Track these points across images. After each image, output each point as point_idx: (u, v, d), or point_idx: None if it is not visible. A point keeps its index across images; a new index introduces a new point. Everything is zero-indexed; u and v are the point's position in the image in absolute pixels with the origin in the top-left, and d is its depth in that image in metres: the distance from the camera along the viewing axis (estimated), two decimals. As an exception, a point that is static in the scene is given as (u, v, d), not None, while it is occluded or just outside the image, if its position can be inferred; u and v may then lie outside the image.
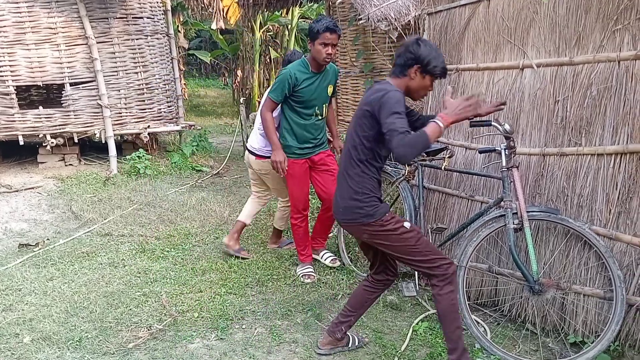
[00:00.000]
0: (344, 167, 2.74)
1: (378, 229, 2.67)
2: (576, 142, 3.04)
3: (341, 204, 2.74)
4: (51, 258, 4.48)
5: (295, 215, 4.07)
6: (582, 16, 2.98)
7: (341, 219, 2.80)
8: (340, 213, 2.77)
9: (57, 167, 7.22)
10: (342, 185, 2.74)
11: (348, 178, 2.69)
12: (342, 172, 2.75)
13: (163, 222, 5.33)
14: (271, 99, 3.81)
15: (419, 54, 2.57)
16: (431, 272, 2.71)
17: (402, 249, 2.71)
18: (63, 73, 6.96)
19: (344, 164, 2.73)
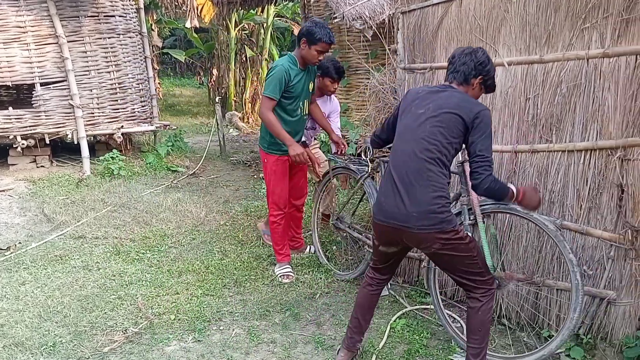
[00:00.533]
0: (415, 169, 2.49)
1: (452, 236, 2.48)
2: (547, 139, 3.09)
3: (413, 209, 2.46)
4: (23, 262, 4.39)
5: (276, 212, 4.04)
6: (552, 15, 3.02)
7: (415, 226, 2.47)
8: (413, 219, 2.46)
9: (29, 169, 7.07)
10: (412, 189, 2.48)
11: (424, 181, 2.47)
12: (413, 174, 2.50)
13: (138, 224, 5.26)
14: (269, 98, 3.72)
15: (487, 66, 2.65)
16: (480, 286, 2.60)
17: (464, 260, 2.55)
18: (33, 73, 6.81)
19: (415, 166, 2.50)
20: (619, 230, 2.85)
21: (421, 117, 2.58)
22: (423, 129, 2.55)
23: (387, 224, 2.58)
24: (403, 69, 3.99)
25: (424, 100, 2.64)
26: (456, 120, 2.50)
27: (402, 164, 2.57)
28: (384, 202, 2.61)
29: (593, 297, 2.98)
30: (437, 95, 2.63)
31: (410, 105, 2.69)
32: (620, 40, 2.77)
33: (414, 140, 2.55)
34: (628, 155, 2.78)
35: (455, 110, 2.52)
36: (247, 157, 8.51)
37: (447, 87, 2.67)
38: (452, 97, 2.59)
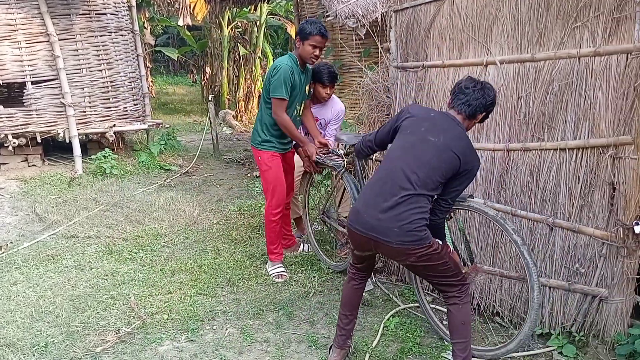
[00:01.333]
0: (406, 194, 2.52)
1: (427, 251, 2.54)
2: (539, 138, 3.10)
3: (394, 225, 2.50)
4: (15, 262, 4.36)
5: (275, 210, 4.00)
6: (543, 13, 3.03)
7: (394, 241, 2.51)
8: (393, 234, 2.50)
9: (20, 168, 7.02)
10: (398, 207, 2.51)
11: (412, 205, 2.51)
12: (402, 197, 2.52)
13: (131, 223, 5.24)
14: (281, 99, 3.70)
15: (494, 105, 2.74)
16: (455, 284, 2.69)
17: (438, 267, 2.62)
18: (24, 71, 6.76)
19: (406, 191, 2.53)
20: (611, 228, 2.87)
21: (430, 146, 2.59)
22: (427, 160, 2.57)
23: (364, 235, 2.60)
24: (396, 68, 3.99)
25: (435, 127, 2.65)
26: (454, 166, 2.59)
27: (393, 181, 2.57)
28: (364, 212, 2.61)
29: (585, 295, 3.00)
30: (449, 127, 2.65)
31: (420, 124, 2.68)
32: (611, 39, 2.78)
33: (415, 166, 2.57)
34: (619, 154, 2.79)
35: (459, 155, 2.58)
36: (241, 156, 8.49)
37: (457, 122, 2.69)
38: (462, 139, 2.63)
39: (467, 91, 2.69)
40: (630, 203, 2.79)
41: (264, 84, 3.96)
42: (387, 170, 2.64)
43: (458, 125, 2.68)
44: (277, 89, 3.70)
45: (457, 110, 2.71)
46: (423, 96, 3.78)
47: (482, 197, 3.39)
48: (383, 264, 4.10)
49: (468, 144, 2.65)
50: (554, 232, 3.08)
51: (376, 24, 5.57)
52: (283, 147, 4.00)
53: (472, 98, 2.67)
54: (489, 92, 2.70)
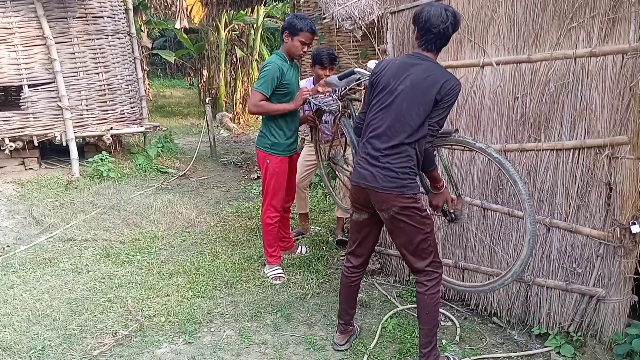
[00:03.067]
0: (391, 144, 2.63)
1: (410, 203, 2.64)
2: (535, 138, 3.11)
3: (380, 173, 2.64)
4: (12, 265, 4.34)
5: (273, 215, 4.00)
6: (539, 14, 3.04)
7: (379, 186, 2.65)
8: (380, 180, 2.64)
9: (17, 171, 7.00)
10: (384, 158, 2.65)
11: (394, 154, 2.63)
12: (388, 148, 2.64)
13: (128, 226, 5.23)
14: (260, 92, 3.70)
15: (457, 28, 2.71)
16: (426, 269, 2.75)
17: (418, 233, 2.69)
18: (21, 74, 6.75)
19: (391, 141, 2.63)
20: (608, 228, 2.88)
21: (399, 94, 2.65)
22: (400, 108, 2.64)
23: (357, 185, 2.78)
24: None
25: (401, 75, 2.68)
26: (430, 100, 2.60)
27: (375, 136, 2.70)
28: (358, 167, 2.78)
29: (583, 295, 3.01)
30: (413, 69, 2.66)
31: (388, 79, 2.71)
32: (607, 40, 2.79)
33: (393, 119, 2.65)
34: (616, 154, 2.81)
35: (431, 89, 2.59)
36: (238, 158, 8.48)
37: (422, 57, 2.69)
38: (428, 71, 2.63)
39: (434, 30, 2.63)
40: (626, 203, 2.79)
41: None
42: (373, 132, 2.72)
43: (423, 60, 2.67)
44: (259, 83, 3.73)
45: (427, 49, 2.70)
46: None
47: (479, 198, 3.40)
48: (381, 265, 4.10)
49: (437, 73, 2.62)
50: (551, 232, 3.09)
51: (373, 25, 5.57)
52: (291, 149, 3.99)
53: (439, 36, 2.64)
54: (455, 25, 2.65)
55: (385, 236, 4.05)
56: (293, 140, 4.00)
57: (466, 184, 3.48)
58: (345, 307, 3.10)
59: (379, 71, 2.78)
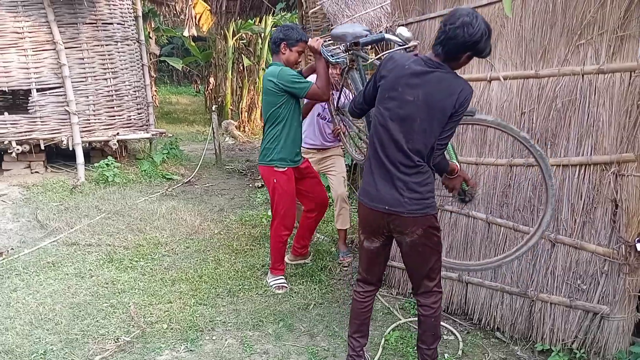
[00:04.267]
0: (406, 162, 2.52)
1: (433, 224, 2.60)
2: (542, 153, 3.11)
3: (405, 196, 2.51)
4: (15, 268, 4.35)
5: (284, 233, 3.95)
6: (548, 31, 3.05)
7: (406, 210, 2.53)
8: (406, 204, 2.52)
9: (23, 174, 7.03)
10: (405, 177, 2.52)
11: (414, 175, 2.52)
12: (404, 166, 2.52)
13: (132, 231, 5.24)
14: (309, 84, 3.66)
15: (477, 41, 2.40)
16: (434, 289, 2.73)
17: (433, 255, 2.66)
18: (30, 78, 6.80)
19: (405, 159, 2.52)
20: (613, 245, 2.87)
21: (412, 108, 2.47)
22: (415, 126, 2.48)
23: (374, 209, 2.60)
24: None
25: (411, 83, 2.48)
26: (445, 114, 2.46)
27: (392, 154, 2.54)
28: (373, 190, 2.60)
29: (587, 312, 2.99)
30: (423, 77, 2.47)
31: (395, 85, 2.51)
32: (615, 57, 2.80)
33: (403, 132, 2.50)
34: (622, 171, 2.80)
35: (446, 102, 2.44)
36: (243, 166, 8.51)
37: (433, 64, 2.48)
38: (441, 81, 2.45)
39: (443, 29, 2.42)
40: (632, 220, 2.79)
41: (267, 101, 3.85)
42: (383, 148, 2.56)
43: (435, 68, 2.47)
44: (304, 81, 3.68)
45: (434, 52, 2.48)
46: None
47: (484, 212, 3.40)
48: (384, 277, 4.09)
49: (450, 83, 2.44)
50: (556, 248, 3.08)
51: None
52: (295, 160, 3.91)
53: (446, 37, 2.40)
54: (469, 29, 2.34)
55: (389, 248, 4.05)
56: (297, 151, 3.92)
57: (471, 198, 3.48)
58: (358, 336, 2.90)
59: (385, 72, 2.57)
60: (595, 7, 2.82)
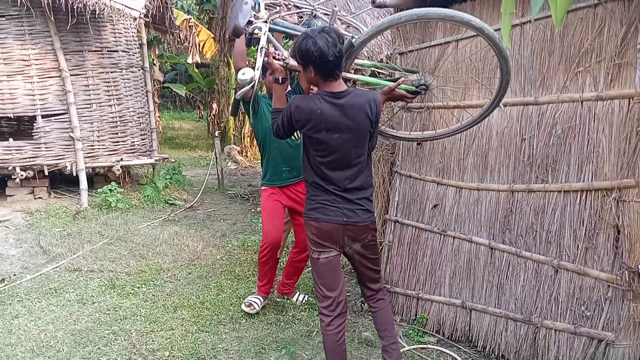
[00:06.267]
0: (361, 170, 2.74)
1: (374, 227, 2.88)
2: (543, 179, 3.13)
3: (359, 208, 2.76)
4: (17, 294, 4.34)
5: (263, 247, 3.89)
6: (546, 58, 3.11)
7: (360, 220, 2.75)
8: (358, 214, 2.75)
9: (26, 200, 7.06)
10: (356, 190, 2.74)
11: (366, 180, 2.79)
12: (361, 176, 2.74)
13: (134, 257, 5.23)
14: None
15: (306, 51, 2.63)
16: (380, 276, 2.98)
17: (378, 251, 2.95)
18: (35, 105, 6.88)
19: (362, 169, 2.75)
20: (616, 271, 2.86)
21: (344, 135, 2.64)
22: (348, 145, 2.66)
23: (337, 223, 2.73)
24: (400, 108, 4.05)
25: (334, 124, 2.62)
26: (369, 126, 2.69)
27: (343, 177, 2.71)
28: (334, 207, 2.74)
29: (591, 339, 2.97)
30: (341, 104, 2.62)
31: (318, 129, 2.63)
32: (613, 84, 2.84)
33: (347, 156, 2.68)
34: (623, 197, 2.82)
35: (365, 115, 2.66)
36: (245, 191, 8.53)
37: (340, 94, 2.63)
38: (354, 98, 2.64)
39: (331, 58, 2.56)
40: (635, 246, 2.79)
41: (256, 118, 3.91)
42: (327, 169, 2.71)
43: (342, 94, 2.62)
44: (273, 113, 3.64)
45: (333, 79, 2.63)
46: (428, 136, 3.83)
47: (487, 237, 3.40)
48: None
49: (361, 97, 2.65)
50: (559, 274, 3.07)
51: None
52: (279, 179, 3.91)
53: (336, 61, 2.59)
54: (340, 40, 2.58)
55: (391, 273, 4.04)
56: (283, 169, 3.89)
57: (473, 223, 3.49)
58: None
59: (299, 118, 2.66)
60: (592, 35, 2.88)
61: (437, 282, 3.71)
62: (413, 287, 3.87)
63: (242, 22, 3.09)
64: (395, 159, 4.14)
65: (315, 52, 2.50)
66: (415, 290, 3.84)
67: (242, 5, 3.10)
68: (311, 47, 2.51)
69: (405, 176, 4.00)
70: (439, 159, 3.74)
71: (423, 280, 3.80)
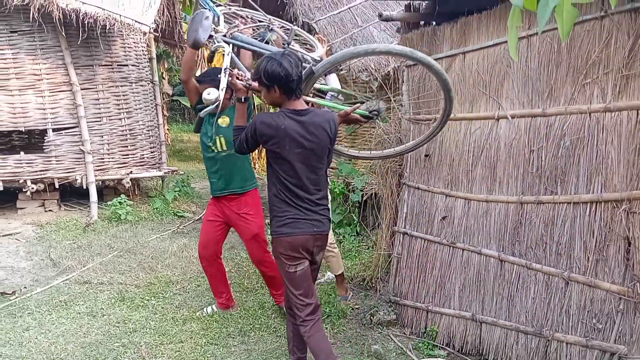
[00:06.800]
0: (322, 183, 2.96)
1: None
2: (552, 191, 3.12)
3: (324, 218, 2.98)
4: (28, 307, 4.36)
5: (201, 260, 4.19)
6: (554, 70, 3.11)
7: (326, 228, 3.01)
8: (325, 224, 2.98)
9: (37, 213, 7.11)
10: (319, 203, 2.94)
11: (325, 192, 3.00)
12: (322, 189, 2.96)
13: (143, 270, 5.25)
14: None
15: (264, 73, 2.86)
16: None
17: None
18: (46, 119, 6.95)
19: (323, 182, 2.97)
20: (627, 283, 2.84)
21: (306, 150, 2.83)
22: (309, 161, 2.85)
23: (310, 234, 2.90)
24: (408, 120, 4.07)
25: (297, 138, 2.80)
26: (328, 142, 2.90)
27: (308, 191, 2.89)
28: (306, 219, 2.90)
29: (604, 352, 2.94)
30: (303, 122, 2.82)
31: (282, 144, 2.80)
32: (621, 96, 2.84)
33: (309, 172, 2.87)
34: (633, 208, 2.80)
35: (326, 133, 2.87)
36: (253, 203, 8.53)
37: (300, 112, 2.83)
38: (314, 117, 2.85)
39: (295, 77, 2.79)
40: (646, 258, 2.77)
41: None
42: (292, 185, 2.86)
43: (304, 112, 2.83)
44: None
45: (295, 97, 2.85)
46: (436, 147, 3.84)
47: (496, 249, 3.39)
48: (397, 316, 4.05)
49: (320, 117, 2.87)
50: (570, 286, 3.05)
51: (388, 77, 5.72)
52: (215, 189, 4.13)
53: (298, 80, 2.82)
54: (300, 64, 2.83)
55: (400, 286, 4.03)
56: (215, 180, 4.09)
57: (482, 235, 3.48)
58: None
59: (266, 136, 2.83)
60: (599, 47, 2.89)
61: (447, 295, 3.70)
62: (422, 300, 3.86)
63: (203, 37, 3.25)
64: (404, 170, 4.14)
65: (281, 72, 2.72)
66: (424, 302, 3.83)
67: (202, 20, 3.24)
68: (277, 68, 2.72)
69: (413, 188, 4.01)
70: (447, 170, 3.75)
71: (432, 292, 3.79)
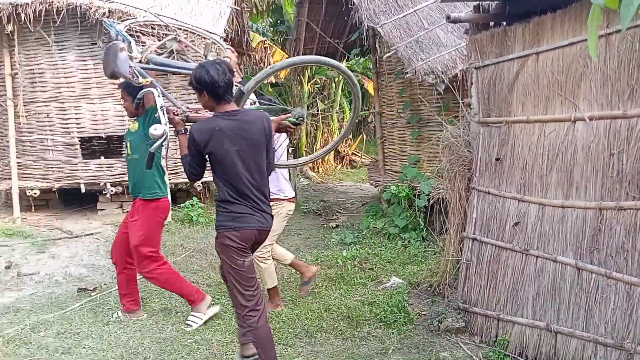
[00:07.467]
0: (263, 180, 3.12)
1: None
2: (634, 197, 2.96)
3: (267, 215, 3.15)
4: (108, 303, 4.62)
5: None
6: (635, 70, 2.96)
7: (270, 224, 3.20)
8: (268, 220, 3.17)
9: (116, 214, 7.51)
10: (263, 201, 3.11)
11: (268, 190, 3.16)
12: (265, 186, 3.13)
13: (214, 269, 5.43)
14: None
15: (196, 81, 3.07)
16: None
17: None
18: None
19: (264, 179, 3.13)
20: None
21: (242, 152, 2.99)
22: (249, 162, 3.01)
23: (257, 229, 3.10)
24: (478, 123, 4.00)
25: (230, 137, 2.96)
26: (264, 140, 3.08)
27: (251, 189, 3.04)
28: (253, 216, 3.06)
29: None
30: (237, 123, 3.00)
31: (223, 147, 2.96)
32: None
33: (250, 171, 3.02)
34: None
35: (260, 131, 3.05)
36: (317, 206, 8.63)
37: (232, 114, 3.02)
38: (246, 117, 3.06)
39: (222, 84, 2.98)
40: None
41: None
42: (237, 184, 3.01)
43: (234, 114, 3.03)
44: None
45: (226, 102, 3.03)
46: (507, 150, 3.75)
47: (573, 257, 3.25)
48: (465, 324, 3.96)
49: (252, 117, 3.10)
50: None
51: (456, 79, 5.62)
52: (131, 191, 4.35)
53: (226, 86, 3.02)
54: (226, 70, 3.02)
55: (469, 292, 3.95)
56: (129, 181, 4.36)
57: (558, 242, 3.35)
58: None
59: (200, 141, 2.98)
60: (687, 44, 2.72)
61: (519, 303, 3.59)
62: (493, 308, 3.76)
63: (124, 69, 3.46)
64: (473, 174, 4.06)
65: (207, 79, 2.93)
66: (495, 310, 3.73)
67: (117, 53, 3.46)
68: (204, 75, 2.95)
69: (483, 192, 3.92)
70: (520, 174, 3.64)
71: (504, 300, 3.68)
